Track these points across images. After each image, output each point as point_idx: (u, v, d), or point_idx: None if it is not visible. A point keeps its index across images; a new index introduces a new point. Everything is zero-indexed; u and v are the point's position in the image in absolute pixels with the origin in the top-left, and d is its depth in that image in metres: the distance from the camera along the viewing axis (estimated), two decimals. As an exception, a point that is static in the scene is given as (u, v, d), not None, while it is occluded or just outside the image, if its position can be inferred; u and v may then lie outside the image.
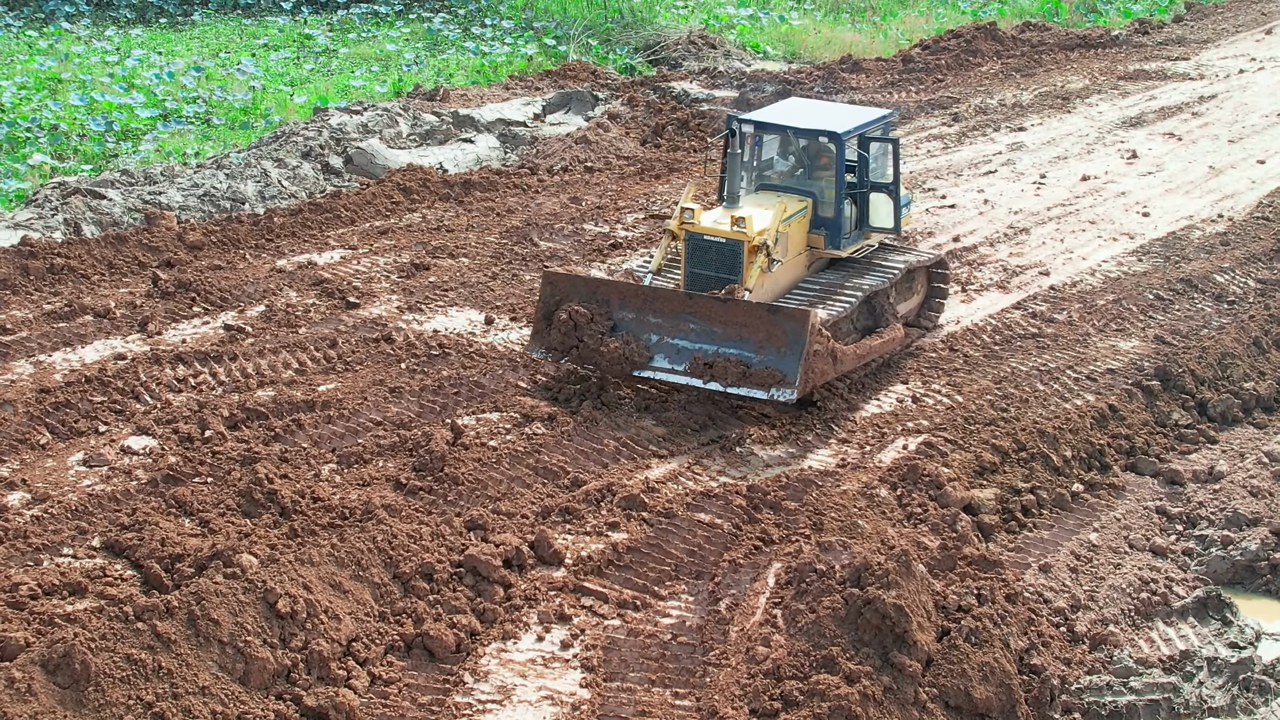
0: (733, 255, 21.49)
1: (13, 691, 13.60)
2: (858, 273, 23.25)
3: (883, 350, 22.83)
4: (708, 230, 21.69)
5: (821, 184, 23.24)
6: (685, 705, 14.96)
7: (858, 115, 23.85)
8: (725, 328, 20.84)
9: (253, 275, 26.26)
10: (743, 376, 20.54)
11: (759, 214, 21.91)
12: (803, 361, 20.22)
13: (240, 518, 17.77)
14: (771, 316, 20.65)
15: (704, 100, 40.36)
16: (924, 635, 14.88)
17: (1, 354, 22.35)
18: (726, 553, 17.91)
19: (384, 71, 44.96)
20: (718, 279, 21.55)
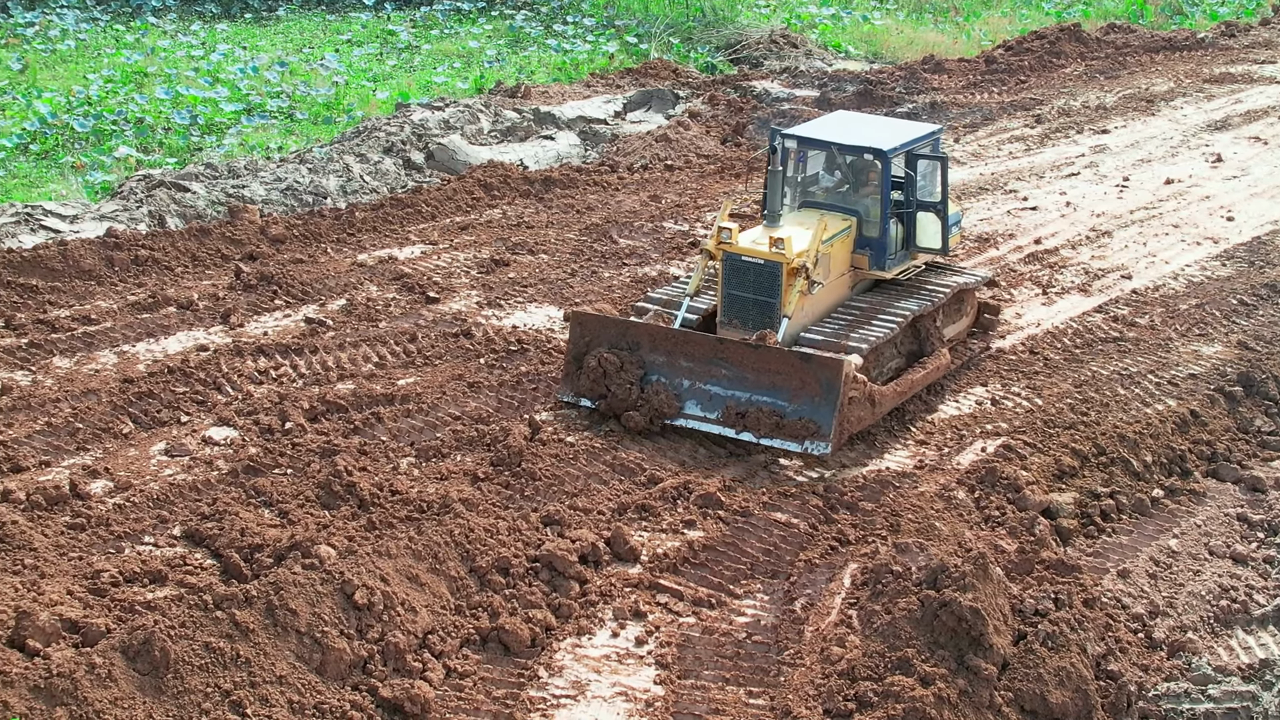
0: (771, 277, 20.82)
1: (94, 677, 13.75)
2: (903, 295, 22.42)
3: (927, 382, 21.97)
4: (745, 251, 21.02)
5: (866, 202, 22.41)
6: (759, 704, 14.95)
7: (905, 131, 23.03)
8: (757, 375, 20.08)
9: (334, 269, 26.42)
10: (776, 427, 19.85)
11: (799, 234, 21.15)
12: (837, 413, 19.56)
13: (319, 509, 17.90)
14: (804, 365, 19.83)
15: (785, 99, 40.29)
16: (1000, 639, 14.81)
17: (86, 344, 22.60)
18: (803, 552, 17.89)
19: (466, 68, 45.13)
20: (755, 301, 20.96)
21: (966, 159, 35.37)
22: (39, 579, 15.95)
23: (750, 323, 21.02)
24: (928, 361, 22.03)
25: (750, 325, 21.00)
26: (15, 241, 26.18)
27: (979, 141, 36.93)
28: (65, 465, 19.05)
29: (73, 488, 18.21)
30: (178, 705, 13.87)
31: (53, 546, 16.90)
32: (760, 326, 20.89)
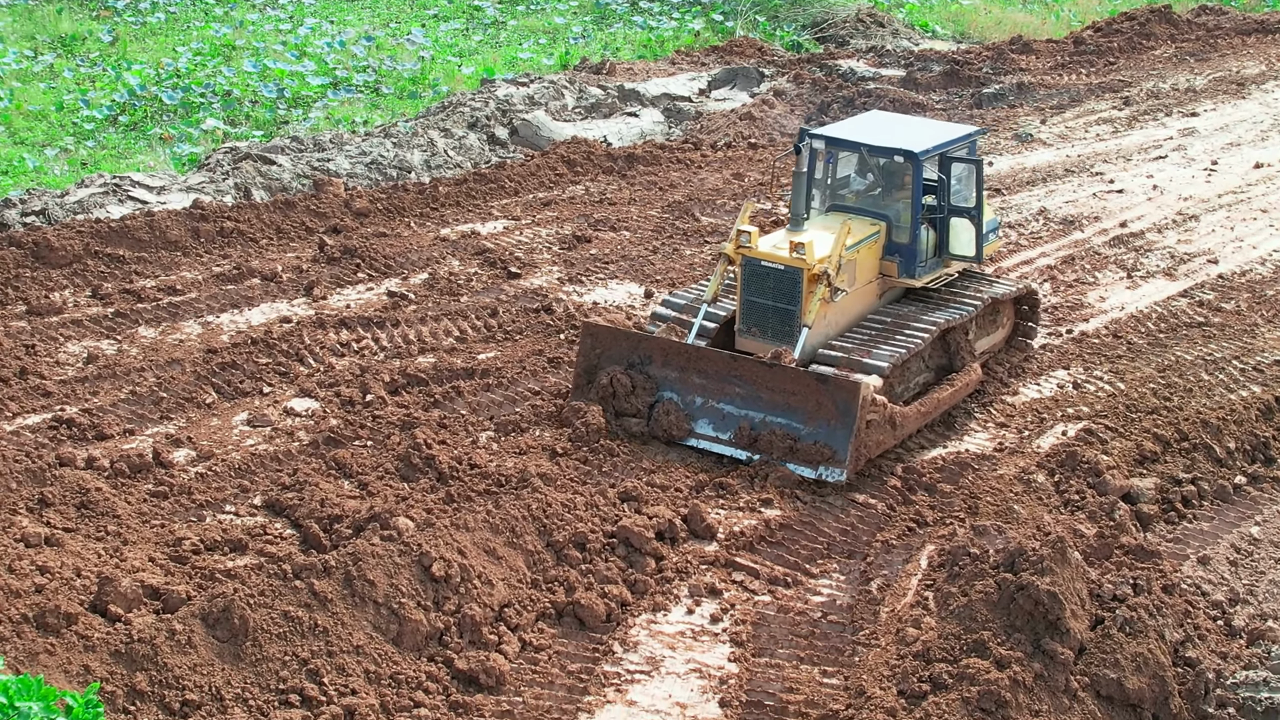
0: (791, 284, 19.78)
1: (173, 643, 13.90)
2: (933, 306, 21.37)
3: (954, 401, 20.87)
4: (765, 256, 19.95)
5: (897, 207, 21.26)
6: (833, 684, 14.93)
7: (940, 133, 21.82)
8: (772, 394, 19.13)
9: (417, 243, 26.54)
10: (790, 451, 18.87)
11: (821, 238, 20.14)
12: (854, 438, 18.55)
13: (398, 481, 18.01)
14: (820, 386, 18.84)
15: (870, 79, 40.10)
16: (1077, 623, 14.71)
17: (171, 314, 22.82)
18: (880, 533, 17.84)
19: (551, 44, 45.18)
20: (775, 309, 19.97)
21: (1053, 140, 35.10)
22: (122, 545, 16.14)
23: (769, 331, 20.14)
24: (956, 378, 20.96)
25: (769, 334, 20.15)
26: (103, 212, 26.45)
27: (1066, 123, 36.62)
28: (149, 434, 19.26)
29: (156, 456, 18.41)
30: (256, 673, 14.00)
31: (136, 514, 17.10)
32: (780, 335, 20.03)
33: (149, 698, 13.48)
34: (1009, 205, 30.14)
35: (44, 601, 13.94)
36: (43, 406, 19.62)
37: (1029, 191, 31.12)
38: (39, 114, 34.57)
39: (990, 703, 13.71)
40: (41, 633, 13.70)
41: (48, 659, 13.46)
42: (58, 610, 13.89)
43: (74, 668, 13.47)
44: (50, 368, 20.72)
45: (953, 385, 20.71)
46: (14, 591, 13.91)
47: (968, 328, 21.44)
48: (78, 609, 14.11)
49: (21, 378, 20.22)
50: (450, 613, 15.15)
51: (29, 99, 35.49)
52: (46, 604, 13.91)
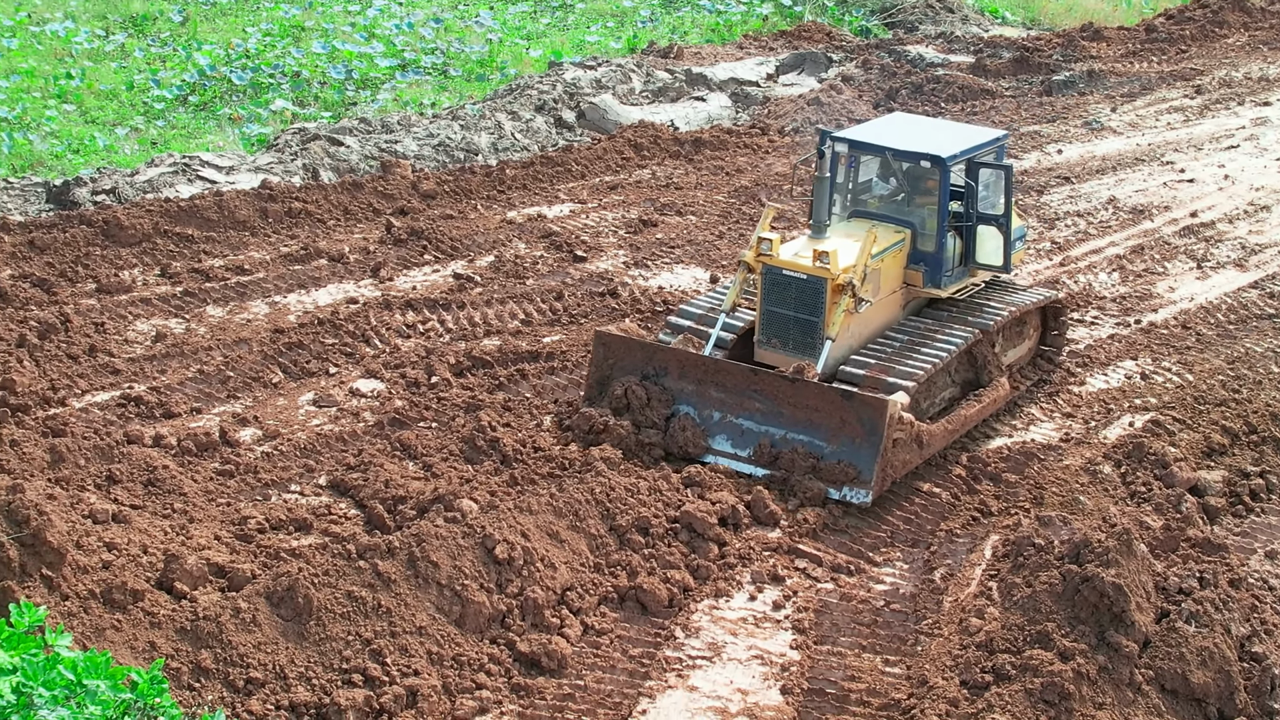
0: (814, 294, 18.98)
1: (238, 621, 13.99)
2: (958, 317, 20.47)
3: (982, 417, 19.96)
4: (786, 264, 19.15)
5: (923, 213, 20.39)
6: (895, 673, 14.89)
7: (968, 136, 20.92)
8: (794, 410, 18.35)
9: (483, 226, 26.59)
10: (813, 470, 18.07)
11: (845, 246, 19.32)
12: (880, 457, 17.75)
13: (462, 463, 18.06)
14: (845, 402, 18.05)
15: (939, 65, 39.87)
16: (1142, 616, 14.61)
17: (239, 294, 22.95)
18: (944, 522, 17.78)
19: (619, 27, 45.14)
20: (796, 320, 19.16)
21: (1123, 129, 34.82)
22: (188, 523, 16.26)
23: (790, 343, 19.35)
24: (984, 393, 19.98)
25: (790, 345, 19.35)
26: (173, 191, 26.62)
27: (1136, 111, 36.32)
28: (216, 413, 19.39)
29: (223, 435, 18.54)
30: (319, 651, 14.07)
31: (202, 492, 17.22)
32: (801, 347, 19.26)
33: (214, 675, 13.57)
34: (1078, 194, 29.93)
35: (111, 578, 14.06)
36: (111, 384, 19.77)
37: (1098, 180, 30.89)
38: (110, 93, 34.80)
39: (1053, 694, 13.64)
40: (108, 609, 13.82)
41: (114, 635, 13.57)
42: (125, 587, 14.01)
43: (140, 644, 13.58)
44: (119, 346, 20.87)
45: (980, 401, 19.82)
46: (82, 568, 14.03)
47: (995, 340, 20.54)
48: (144, 586, 14.23)
49: (91, 355, 20.38)
50: (513, 595, 15.18)
51: (100, 78, 35.73)
52: (114, 580, 14.03)
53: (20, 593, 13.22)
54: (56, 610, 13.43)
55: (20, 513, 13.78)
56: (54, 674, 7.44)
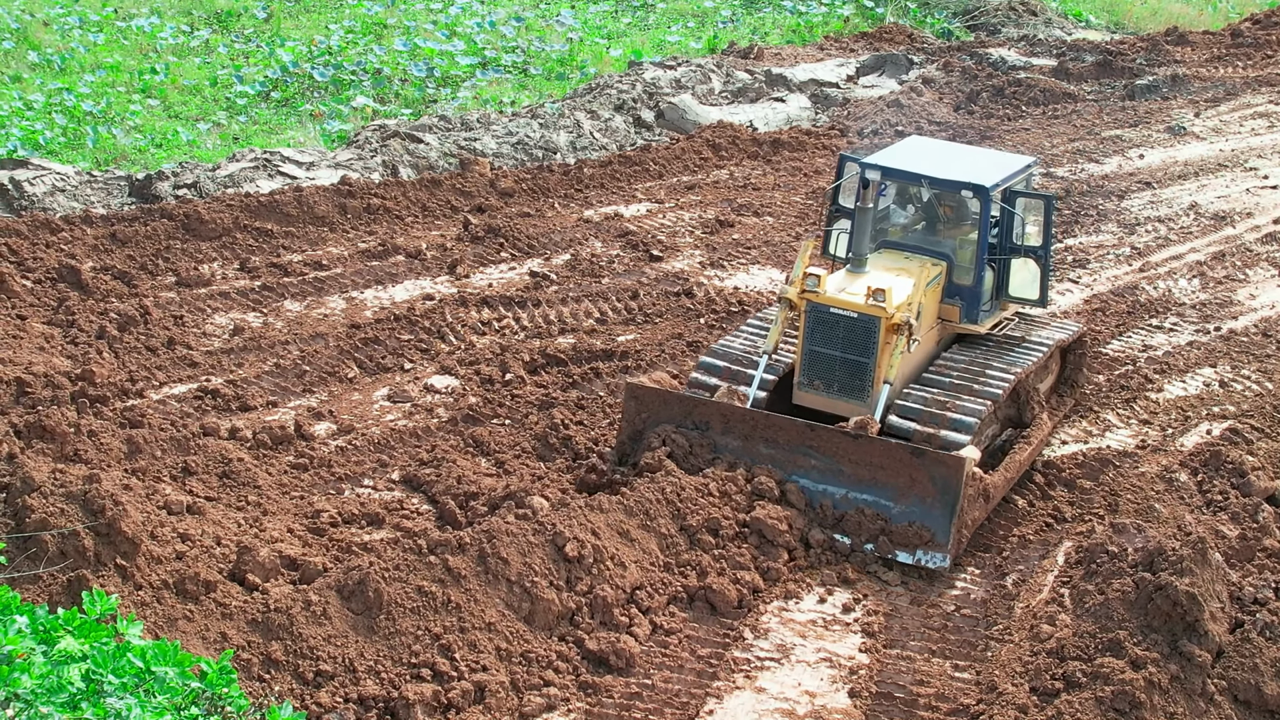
0: (865, 334, 17.78)
1: (309, 614, 14.08)
2: (997, 352, 19.40)
3: (1032, 459, 18.86)
4: (835, 302, 17.86)
5: (955, 244, 19.45)
6: (964, 679, 14.82)
7: (1000, 164, 19.98)
8: (856, 468, 17.10)
9: (560, 224, 26.65)
10: (881, 533, 16.91)
11: (898, 283, 18.18)
12: (956, 518, 16.67)
13: (534, 461, 18.12)
14: (916, 460, 16.83)
15: (1021, 68, 39.62)
16: (1216, 626, 14.47)
17: (317, 289, 23.10)
18: (1016, 528, 17.67)
19: (700, 27, 45.12)
20: (844, 361, 17.93)
21: (1206, 134, 34.49)
22: (261, 516, 16.39)
23: (836, 385, 18.10)
24: (1031, 433, 18.94)
25: (836, 388, 18.11)
26: (253, 186, 26.83)
27: (1220, 117, 35.96)
28: (291, 406, 19.52)
29: (298, 428, 18.67)
30: (389, 646, 14.14)
31: (276, 485, 17.35)
32: (848, 389, 18.06)
33: (283, 667, 13.66)
34: (1159, 199, 29.68)
35: (184, 569, 14.19)
36: (189, 376, 19.95)
37: (1180, 185, 30.62)
38: (193, 88, 35.11)
39: (1124, 703, 13.54)
40: (181, 599, 13.94)
41: (186, 625, 13.69)
42: (197, 578, 14.13)
43: (211, 635, 13.69)
44: (197, 339, 21.06)
45: (1030, 443, 18.74)
46: (155, 558, 14.16)
47: (1037, 375, 19.69)
48: (217, 577, 14.34)
49: (169, 348, 20.57)
50: (582, 593, 15.20)
51: (184, 74, 36.05)
52: (187, 571, 14.15)
53: (94, 581, 13.36)
54: (130, 600, 13.56)
55: (96, 502, 13.92)
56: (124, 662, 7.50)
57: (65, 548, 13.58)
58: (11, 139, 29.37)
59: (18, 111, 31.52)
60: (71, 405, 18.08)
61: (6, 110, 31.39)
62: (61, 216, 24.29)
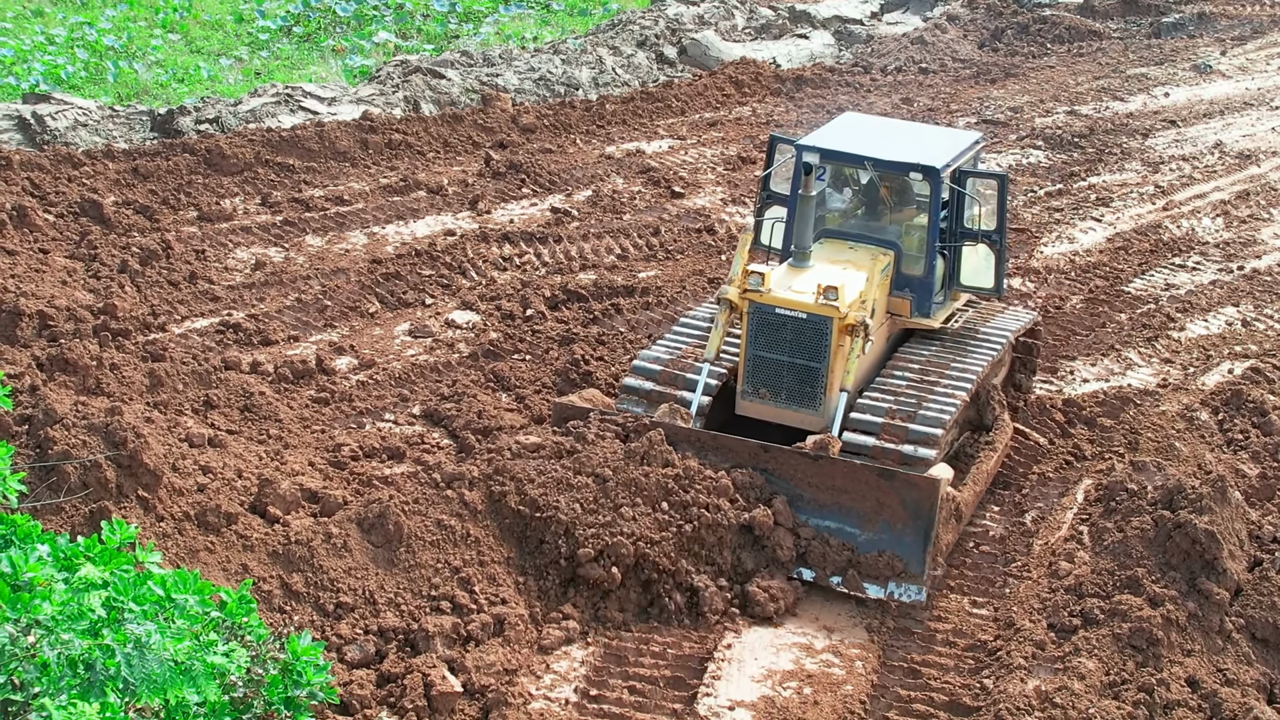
0: (816, 336, 15.99)
1: (329, 546, 14.13)
2: (956, 348, 17.66)
3: (998, 468, 17.32)
4: (782, 302, 16.05)
5: (901, 230, 17.77)
6: (982, 614, 14.84)
7: (947, 142, 18.32)
8: (816, 492, 15.29)
9: (582, 160, 26.61)
10: (849, 564, 15.03)
11: (849, 278, 16.37)
12: (931, 545, 14.95)
13: (555, 396, 18.13)
14: (885, 483, 15.07)
15: (1046, 5, 39.37)
16: (1235, 564, 14.48)
17: (338, 224, 23.10)
18: (1036, 465, 17.66)
19: (724, -36, 44.85)
20: (792, 367, 16.15)
21: (1232, 72, 34.28)
22: (283, 449, 16.44)
23: (783, 393, 16.28)
24: (995, 438, 17.38)
25: (783, 396, 16.29)
26: (275, 121, 26.80)
27: (1246, 55, 35.73)
28: (313, 341, 19.56)
29: (319, 363, 18.70)
30: (409, 578, 14.19)
31: (297, 419, 17.40)
32: (798, 397, 16.25)
33: (304, 598, 13.72)
34: (1184, 138, 29.54)
35: (206, 501, 14.24)
36: (211, 311, 19.98)
37: (1205, 124, 30.46)
38: (215, 23, 35.06)
39: (1141, 640, 13.55)
40: (202, 531, 14.00)
41: (207, 557, 13.75)
42: (219, 510, 14.18)
43: (233, 566, 13.75)
44: (219, 273, 21.09)
45: (995, 449, 17.21)
46: (177, 490, 14.21)
47: (994, 373, 17.99)
48: (238, 509, 14.40)
49: (191, 282, 20.60)
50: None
51: (206, 8, 36.00)
52: (208, 503, 14.20)
53: (116, 513, 13.41)
54: (151, 531, 13.63)
55: (118, 434, 13.97)
56: (144, 589, 7.56)
57: (87, 479, 13.64)
58: (34, 73, 29.38)
59: (40, 46, 31.51)
60: (94, 339, 18.12)
61: (29, 45, 31.38)
62: (83, 151, 24.30)
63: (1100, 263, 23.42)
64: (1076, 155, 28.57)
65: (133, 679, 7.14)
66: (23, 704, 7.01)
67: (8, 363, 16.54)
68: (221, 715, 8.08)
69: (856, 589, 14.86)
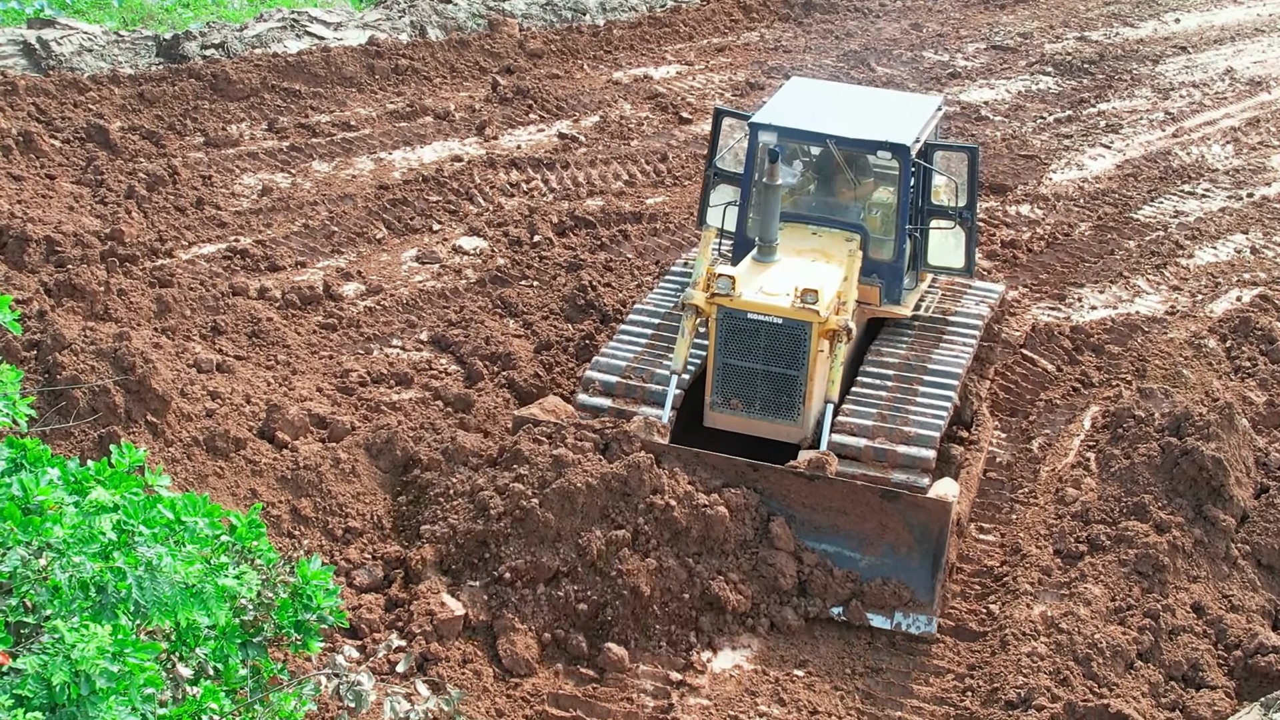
0: (793, 343, 14.54)
1: (338, 471, 14.18)
2: (931, 336, 16.47)
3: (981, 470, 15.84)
4: (756, 307, 14.53)
5: (862, 208, 16.39)
6: (989, 540, 14.88)
7: (909, 111, 16.72)
8: (811, 513, 13.85)
9: (589, 86, 26.50)
10: (853, 595, 13.59)
11: (825, 275, 15.05)
12: (942, 572, 13.59)
13: (562, 322, 18.12)
14: (888, 505, 13.68)
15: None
16: (1241, 491, 14.51)
17: (345, 149, 23.04)
18: (1044, 392, 17.66)
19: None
20: (766, 376, 14.71)
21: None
22: (291, 375, 16.46)
23: (758, 403, 14.85)
24: (979, 436, 16.03)
25: (757, 407, 14.86)
26: (281, 46, 26.67)
27: (1259, -20, 35.51)
28: (320, 267, 19.54)
29: (326, 289, 18.69)
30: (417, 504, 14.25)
31: (305, 344, 17.41)
32: (774, 408, 14.84)
33: (313, 523, 13.78)
34: (1194, 64, 29.37)
35: (214, 426, 14.27)
36: (218, 236, 19.96)
37: (1216, 50, 30.29)
38: (221, -53, 34.85)
39: (1147, 566, 13.60)
40: (211, 456, 14.04)
41: (216, 481, 13.80)
42: (227, 435, 14.22)
43: (241, 491, 13.80)
44: (226, 199, 21.04)
45: (979, 450, 15.84)
46: (186, 415, 14.25)
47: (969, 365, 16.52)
48: (246, 434, 14.44)
49: (198, 208, 20.56)
50: (609, 453, 15.25)
51: (211, -68, 35.76)
52: (216, 428, 14.24)
53: (125, 437, 13.45)
54: (160, 456, 13.68)
55: (126, 360, 14.00)
56: (154, 513, 7.58)
57: (96, 404, 13.67)
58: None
59: (44, -30, 31.33)
60: (101, 264, 18.12)
61: (33, -31, 31.20)
62: (89, 76, 24.20)
63: (1109, 190, 23.35)
64: (1086, 81, 28.43)
65: (144, 601, 7.18)
66: (35, 626, 7.04)
67: (15, 288, 16.54)
68: (232, 638, 8.12)
69: (860, 620, 13.45)
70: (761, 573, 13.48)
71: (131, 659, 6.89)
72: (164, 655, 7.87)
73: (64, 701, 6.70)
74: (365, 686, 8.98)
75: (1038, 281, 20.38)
